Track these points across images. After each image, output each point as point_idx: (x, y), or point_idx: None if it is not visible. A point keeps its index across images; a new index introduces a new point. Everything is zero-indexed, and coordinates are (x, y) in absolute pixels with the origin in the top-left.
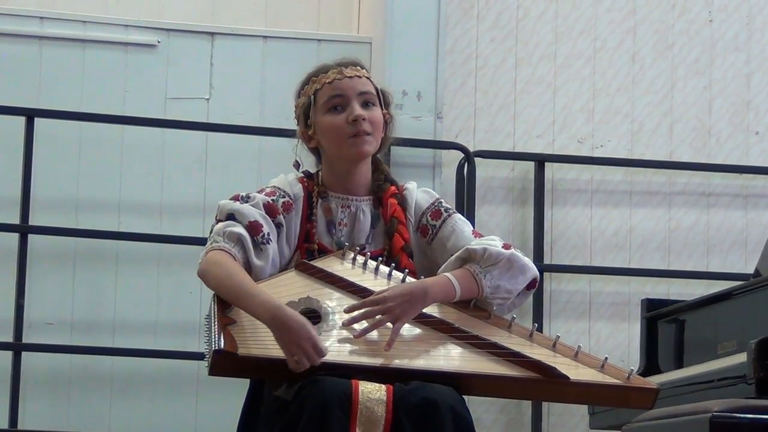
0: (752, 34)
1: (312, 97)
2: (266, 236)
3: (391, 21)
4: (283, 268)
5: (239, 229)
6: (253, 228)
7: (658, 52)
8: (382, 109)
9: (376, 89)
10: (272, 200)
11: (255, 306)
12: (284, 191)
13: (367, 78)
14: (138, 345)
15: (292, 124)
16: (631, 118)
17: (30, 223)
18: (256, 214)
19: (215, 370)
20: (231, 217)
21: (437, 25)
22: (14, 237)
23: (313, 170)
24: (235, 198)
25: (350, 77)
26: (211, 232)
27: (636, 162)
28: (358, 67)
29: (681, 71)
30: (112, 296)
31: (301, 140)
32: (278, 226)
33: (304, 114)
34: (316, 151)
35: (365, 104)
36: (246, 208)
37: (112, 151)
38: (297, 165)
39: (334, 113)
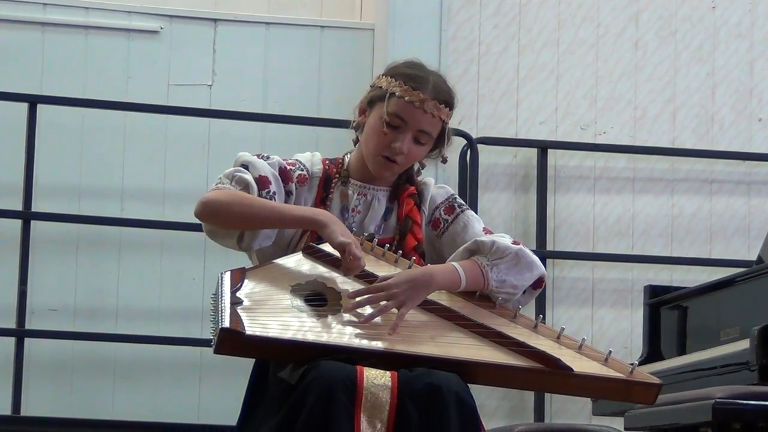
0: (755, 21)
1: (388, 94)
2: (271, 194)
3: (394, 7)
4: (291, 250)
5: (249, 177)
6: (262, 182)
7: (661, 38)
8: (439, 151)
9: (443, 131)
10: (290, 168)
11: (299, 213)
12: (304, 165)
13: (442, 119)
14: (141, 331)
15: (294, 110)
16: (634, 104)
17: (33, 209)
18: (269, 172)
19: (221, 348)
20: (244, 167)
21: (440, 12)
22: (17, 223)
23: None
24: (256, 155)
25: (425, 111)
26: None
27: (639, 149)
28: (443, 106)
29: (684, 58)
30: (114, 282)
31: (357, 111)
32: (288, 193)
33: (372, 98)
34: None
35: (417, 140)
36: (260, 162)
37: (114, 137)
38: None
39: (387, 127)
